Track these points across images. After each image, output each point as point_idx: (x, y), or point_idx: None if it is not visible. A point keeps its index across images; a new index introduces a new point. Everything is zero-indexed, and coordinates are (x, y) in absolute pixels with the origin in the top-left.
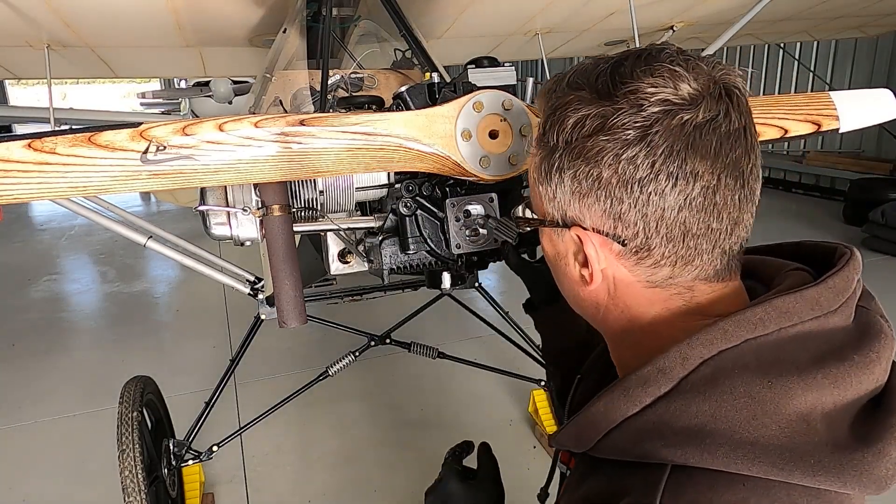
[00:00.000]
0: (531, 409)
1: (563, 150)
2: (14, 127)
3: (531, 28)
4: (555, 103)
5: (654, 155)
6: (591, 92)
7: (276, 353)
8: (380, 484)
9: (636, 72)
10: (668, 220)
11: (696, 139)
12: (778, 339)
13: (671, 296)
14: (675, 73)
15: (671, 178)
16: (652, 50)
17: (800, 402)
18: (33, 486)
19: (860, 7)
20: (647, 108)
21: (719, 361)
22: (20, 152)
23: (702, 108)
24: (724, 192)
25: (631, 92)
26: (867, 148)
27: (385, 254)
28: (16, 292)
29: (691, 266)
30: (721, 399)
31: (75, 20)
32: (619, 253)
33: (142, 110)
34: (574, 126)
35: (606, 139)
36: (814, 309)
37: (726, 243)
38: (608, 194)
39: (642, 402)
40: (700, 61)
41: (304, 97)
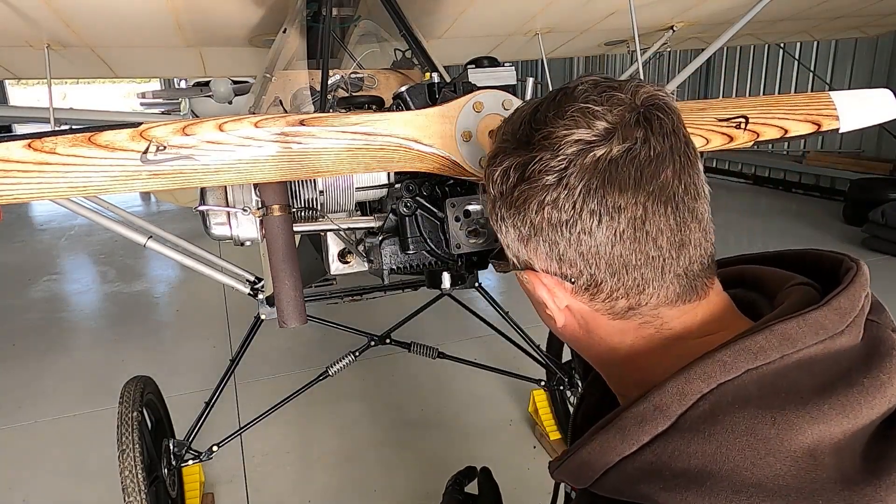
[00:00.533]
0: (531, 409)
1: (499, 200)
2: (14, 127)
3: (531, 28)
4: (489, 155)
5: (574, 196)
6: (514, 142)
7: (276, 353)
8: (380, 484)
9: (549, 116)
10: (604, 255)
11: (612, 173)
12: (780, 367)
13: (639, 325)
14: (586, 111)
15: (594, 216)
16: (567, 89)
17: (806, 436)
18: (33, 486)
19: (860, 7)
20: (561, 151)
21: (719, 396)
22: (20, 152)
23: (615, 140)
24: (654, 219)
25: (545, 137)
26: (867, 148)
27: (385, 254)
28: (16, 292)
29: (644, 295)
30: (722, 438)
31: (75, 20)
32: (572, 291)
33: (142, 110)
34: (501, 177)
35: (528, 187)
36: (818, 333)
37: (677, 267)
38: (544, 238)
39: (639, 442)
40: (619, 90)
41: (304, 97)
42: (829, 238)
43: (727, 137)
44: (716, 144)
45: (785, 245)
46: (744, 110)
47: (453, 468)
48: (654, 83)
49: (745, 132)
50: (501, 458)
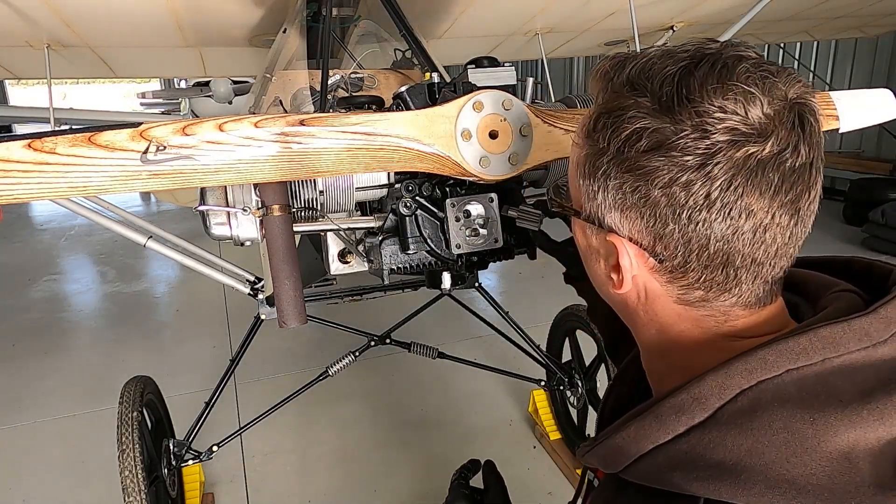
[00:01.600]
0: (531, 409)
1: (613, 157)
2: (14, 127)
3: (531, 28)
4: (610, 102)
5: (711, 186)
6: (653, 101)
7: (276, 353)
8: (380, 484)
9: (706, 88)
10: (711, 249)
11: (758, 175)
12: (822, 371)
13: (703, 316)
14: (748, 94)
15: (723, 211)
16: (728, 59)
17: (842, 439)
18: (33, 486)
19: (860, 7)
20: (713, 136)
21: (758, 392)
22: (20, 152)
23: (771, 140)
24: (776, 230)
25: (697, 113)
26: (867, 148)
27: (385, 254)
28: (16, 292)
29: (728, 294)
30: (759, 433)
31: (75, 20)
32: (653, 267)
33: (142, 110)
34: (629, 137)
35: (663, 160)
36: (861, 340)
37: (769, 274)
38: (653, 214)
39: (675, 431)
40: (778, 77)
41: (304, 97)
42: (830, 238)
43: None
44: None
45: None
46: None
47: (453, 468)
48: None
49: None
50: (501, 458)
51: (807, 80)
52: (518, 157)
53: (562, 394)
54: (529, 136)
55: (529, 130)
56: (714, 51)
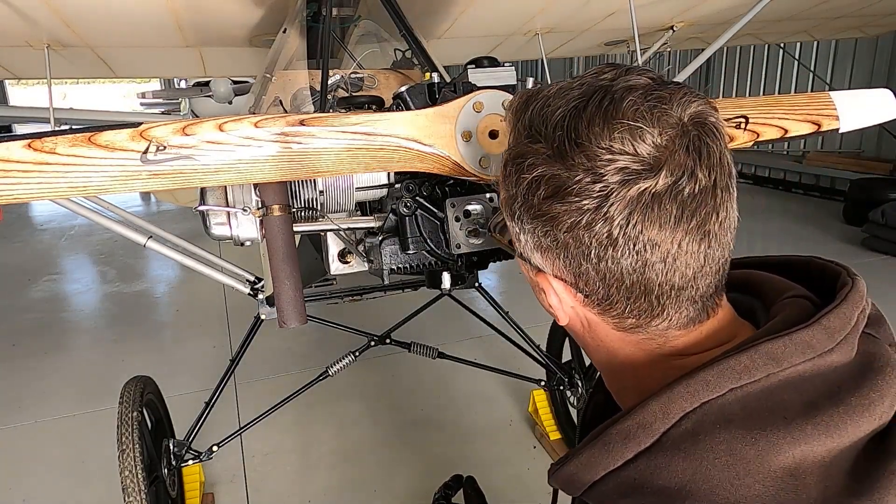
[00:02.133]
0: (531, 409)
1: (522, 203)
2: (14, 127)
3: (531, 28)
4: (514, 149)
5: (611, 225)
6: (548, 147)
7: (276, 353)
8: (380, 484)
9: (593, 130)
10: (627, 282)
11: (654, 209)
12: (767, 386)
13: (642, 340)
14: (635, 130)
15: (628, 247)
16: (616, 93)
17: (787, 456)
18: (33, 486)
19: (860, 7)
20: (604, 178)
21: (702, 414)
22: (20, 152)
23: (663, 172)
24: (686, 257)
25: (588, 157)
26: (867, 148)
27: (385, 254)
28: (16, 292)
29: (659, 319)
30: (702, 457)
31: (75, 20)
32: (583, 301)
33: (142, 110)
34: (529, 185)
35: (562, 206)
36: (805, 352)
37: (695, 295)
38: (566, 255)
39: (623, 457)
40: (669, 102)
41: (304, 97)
42: (829, 238)
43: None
44: None
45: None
46: (744, 110)
47: (453, 468)
48: (700, 95)
49: (745, 132)
50: (501, 458)
51: (703, 95)
52: None
53: (562, 394)
54: None
55: None
56: (606, 83)
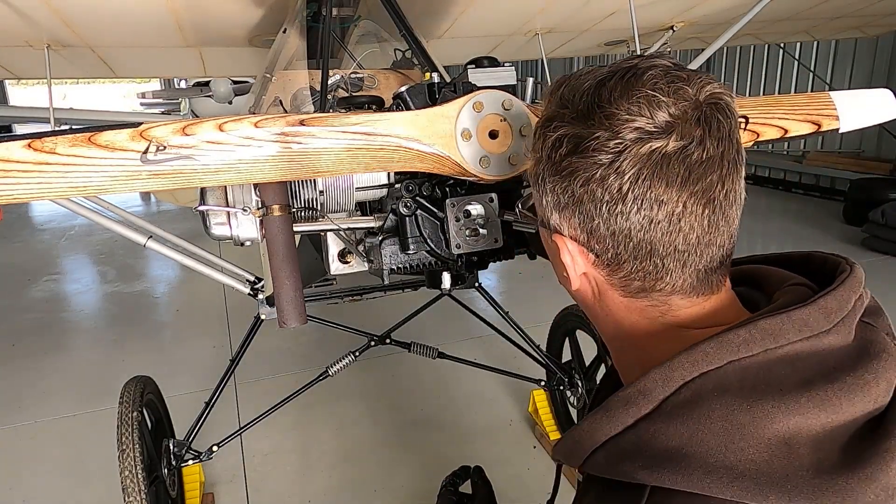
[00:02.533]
0: (531, 409)
1: (546, 163)
2: (14, 127)
3: (531, 28)
4: (545, 114)
5: (622, 179)
6: (573, 111)
7: (276, 353)
8: (380, 484)
9: (614, 96)
10: (634, 239)
11: (663, 168)
12: (764, 361)
13: (647, 306)
14: (652, 99)
15: (636, 202)
16: (637, 69)
17: (781, 425)
18: (33, 486)
19: (860, 7)
20: (620, 135)
21: (701, 384)
22: (20, 152)
23: (673, 136)
24: (690, 218)
25: (607, 117)
26: (867, 148)
27: (385, 254)
28: (16, 292)
29: (661, 282)
30: (698, 422)
31: (75, 20)
32: (594, 262)
33: (142, 110)
34: (554, 144)
35: (580, 161)
36: (801, 330)
37: (698, 263)
38: (581, 210)
39: (624, 423)
40: (687, 82)
41: (304, 97)
42: (829, 238)
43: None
44: None
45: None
46: (744, 110)
47: (454, 468)
48: (719, 82)
49: (745, 132)
50: (501, 458)
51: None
52: (518, 157)
53: (562, 394)
54: (529, 136)
55: (529, 130)
56: (630, 64)
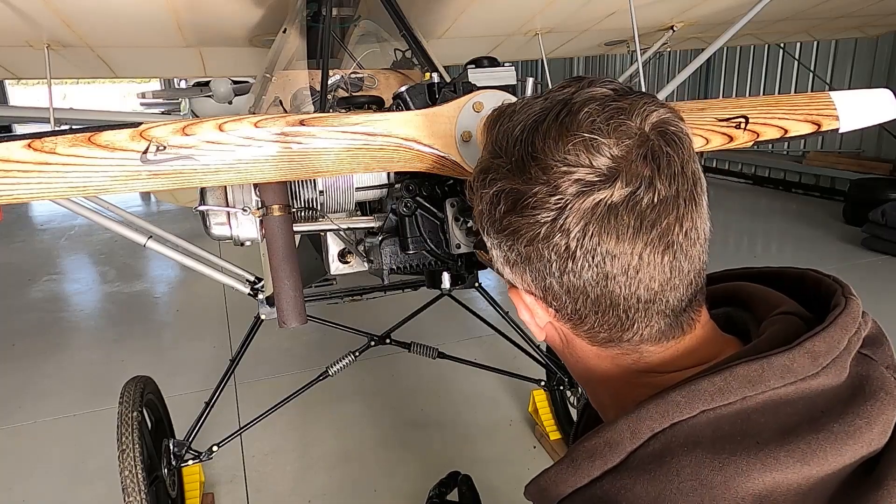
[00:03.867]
0: (531, 409)
1: (487, 218)
2: (14, 127)
3: (531, 28)
4: (481, 164)
5: (568, 238)
6: (508, 162)
7: (276, 353)
8: (380, 484)
9: (549, 144)
10: (591, 294)
11: (611, 220)
12: (742, 409)
13: (617, 355)
14: (590, 143)
15: (586, 259)
16: (572, 105)
17: (756, 483)
18: (33, 486)
19: (860, 7)
20: (560, 189)
21: (671, 436)
22: (20, 152)
23: (619, 183)
24: (649, 268)
25: (543, 170)
26: (867, 148)
27: (385, 254)
28: (16, 292)
29: (628, 333)
30: (667, 481)
31: (75, 20)
32: (555, 316)
33: (142, 110)
34: (491, 200)
35: (520, 220)
36: (784, 377)
37: (665, 309)
38: (531, 269)
39: (589, 475)
40: (629, 113)
41: (304, 97)
42: (829, 238)
43: (727, 137)
44: (716, 144)
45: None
46: (744, 110)
47: (453, 468)
48: (665, 104)
49: (745, 132)
50: (501, 458)
51: (667, 104)
52: None
53: (562, 394)
54: None
55: None
56: (566, 96)
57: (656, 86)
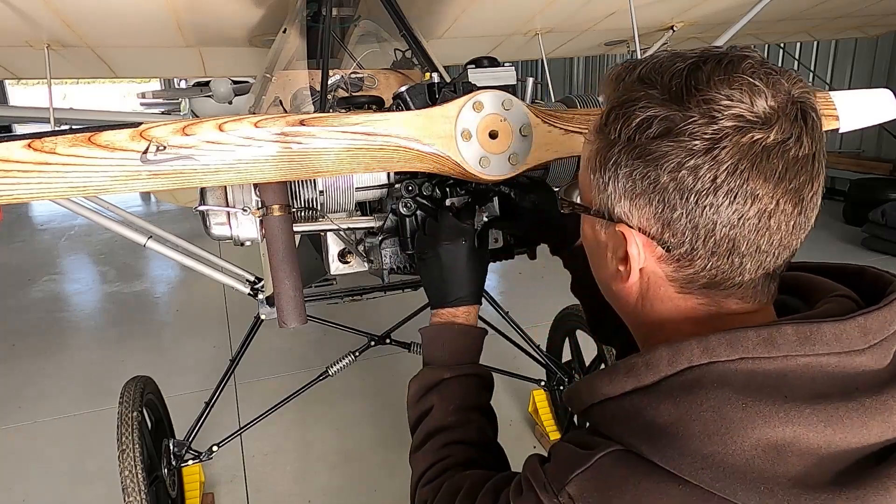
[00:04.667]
0: (531, 409)
1: (625, 146)
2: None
3: (531, 28)
4: (622, 96)
5: (718, 170)
6: (663, 92)
7: (276, 353)
8: (380, 484)
9: (713, 79)
10: (717, 235)
11: (763, 161)
12: (781, 368)
13: (699, 305)
14: (753, 86)
15: (729, 195)
16: (734, 57)
17: (775, 432)
18: (33, 486)
19: (860, 7)
20: (720, 121)
21: (705, 371)
22: (20, 152)
23: (775, 129)
24: (780, 216)
25: (705, 101)
26: (867, 148)
27: (385, 254)
28: (16, 292)
29: (730, 282)
30: (689, 407)
31: (75, 20)
32: (660, 256)
33: (142, 110)
34: (640, 125)
35: (672, 145)
36: (831, 344)
37: (771, 265)
38: (662, 199)
39: (623, 389)
40: (781, 76)
41: (304, 97)
42: (830, 238)
43: None
44: None
45: None
46: None
47: None
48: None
49: None
50: None
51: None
52: (518, 157)
53: (562, 394)
54: (529, 136)
55: (529, 130)
56: (720, 52)
57: None
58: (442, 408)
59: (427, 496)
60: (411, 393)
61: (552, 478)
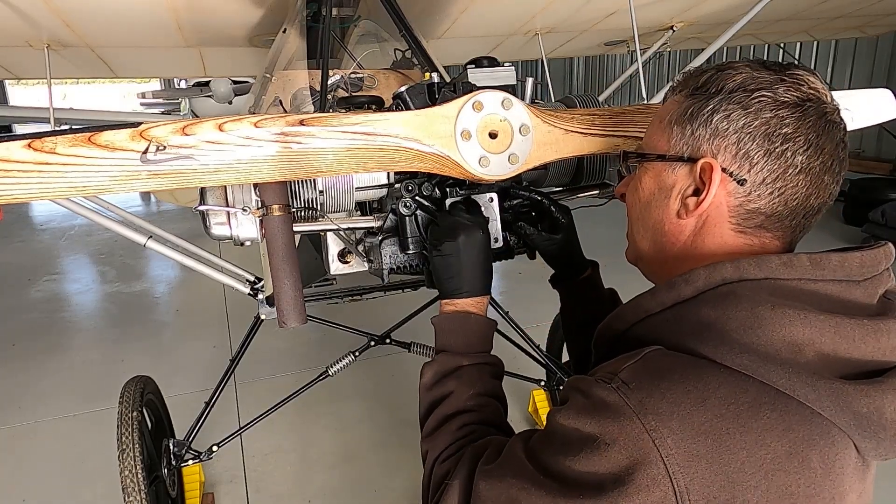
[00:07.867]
0: (531, 409)
1: (725, 96)
2: (14, 127)
3: (531, 28)
4: (723, 67)
5: (802, 121)
6: (762, 67)
7: (276, 353)
8: (380, 484)
9: (794, 66)
10: (786, 177)
11: (830, 129)
12: (797, 288)
13: (745, 244)
14: (820, 80)
15: (807, 143)
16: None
17: (796, 331)
18: (33, 486)
19: (860, 7)
20: (804, 90)
21: (737, 287)
22: (20, 152)
23: (837, 114)
24: (829, 175)
25: (793, 75)
26: (867, 148)
27: (385, 254)
28: (16, 292)
29: (780, 225)
30: (726, 307)
31: (75, 20)
32: (730, 191)
33: (142, 110)
34: (743, 80)
35: (770, 96)
36: (836, 271)
37: (808, 221)
38: (751, 139)
39: (664, 304)
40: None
41: (304, 97)
42: (829, 238)
43: None
44: None
45: None
46: None
47: None
48: None
49: None
50: None
51: None
52: (518, 156)
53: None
54: (529, 136)
55: (529, 130)
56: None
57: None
58: (460, 393)
59: (449, 466)
60: (426, 378)
61: (603, 373)
